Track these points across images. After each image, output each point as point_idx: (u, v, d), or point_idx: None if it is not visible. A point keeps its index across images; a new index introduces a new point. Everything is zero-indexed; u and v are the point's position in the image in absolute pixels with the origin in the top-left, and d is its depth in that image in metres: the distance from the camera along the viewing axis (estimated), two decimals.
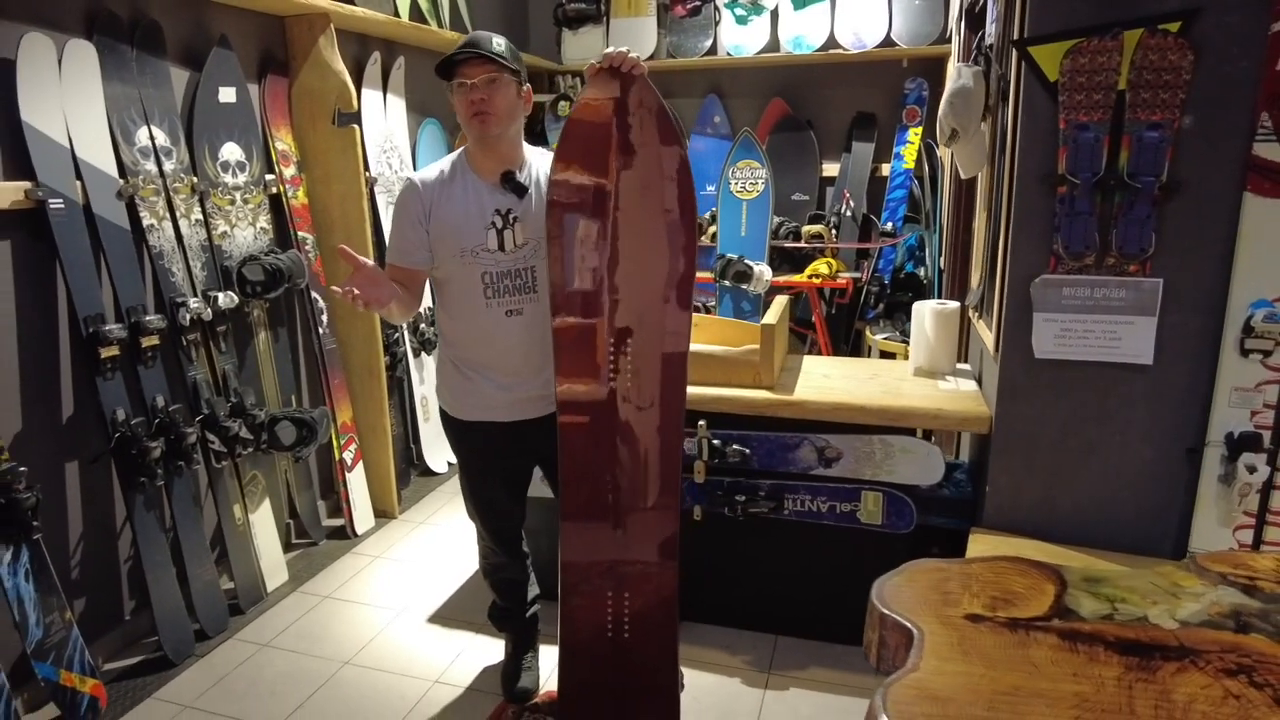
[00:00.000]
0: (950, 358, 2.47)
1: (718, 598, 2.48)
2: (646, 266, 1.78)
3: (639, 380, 1.82)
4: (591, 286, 1.78)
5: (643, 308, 1.80)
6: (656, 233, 1.77)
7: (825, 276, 3.88)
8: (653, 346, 1.81)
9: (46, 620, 2.07)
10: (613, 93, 1.72)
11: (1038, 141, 1.89)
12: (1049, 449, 2.03)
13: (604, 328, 1.80)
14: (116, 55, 2.33)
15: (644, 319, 1.80)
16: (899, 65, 4.27)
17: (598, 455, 1.85)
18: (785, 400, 2.24)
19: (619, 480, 1.86)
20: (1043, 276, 1.94)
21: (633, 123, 1.74)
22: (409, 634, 2.53)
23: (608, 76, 1.71)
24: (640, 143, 1.75)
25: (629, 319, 1.80)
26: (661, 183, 1.76)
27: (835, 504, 2.27)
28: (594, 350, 1.80)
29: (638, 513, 1.89)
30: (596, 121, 1.74)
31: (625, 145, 1.74)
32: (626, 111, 1.73)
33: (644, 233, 1.77)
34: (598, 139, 1.74)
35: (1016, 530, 2.07)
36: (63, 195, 2.15)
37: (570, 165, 1.75)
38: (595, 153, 1.74)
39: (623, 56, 1.69)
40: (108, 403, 2.24)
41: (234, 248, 2.69)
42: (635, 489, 1.87)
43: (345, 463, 3.14)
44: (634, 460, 1.85)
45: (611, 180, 1.75)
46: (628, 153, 1.75)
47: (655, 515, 1.89)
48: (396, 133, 3.56)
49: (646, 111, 1.74)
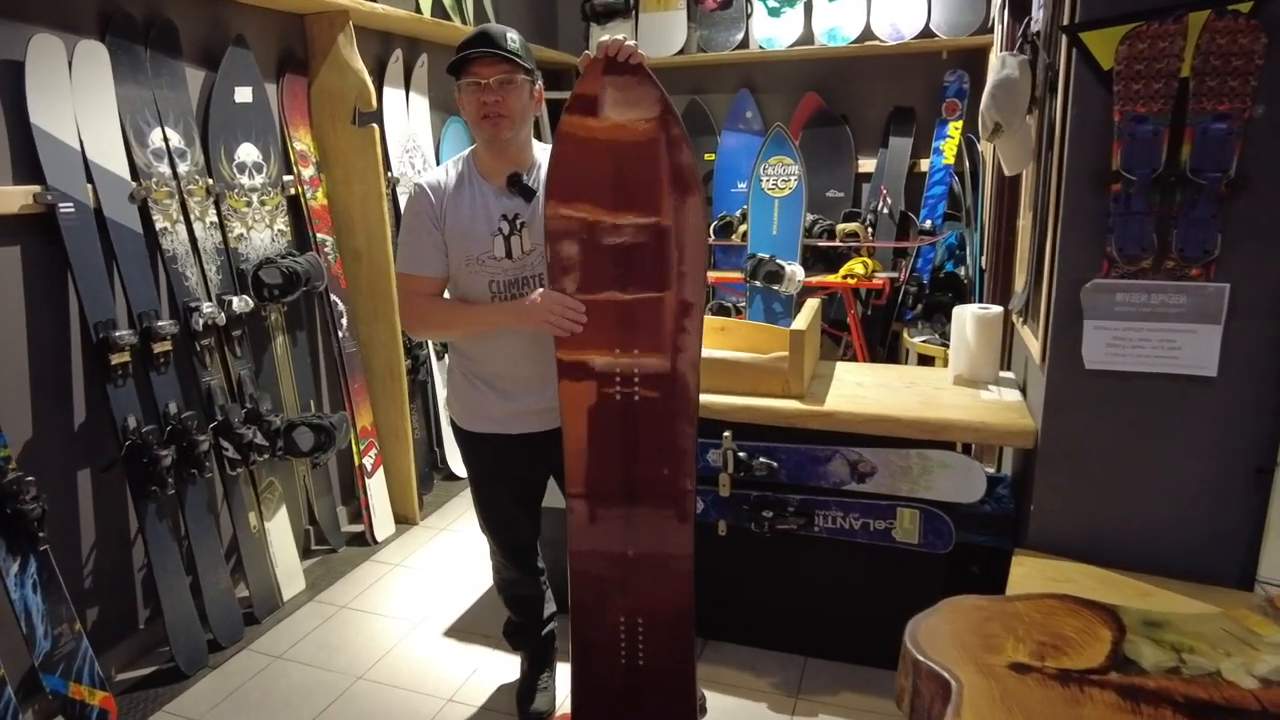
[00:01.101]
0: (993, 366, 2.33)
1: (743, 616, 2.37)
2: (650, 255, 1.67)
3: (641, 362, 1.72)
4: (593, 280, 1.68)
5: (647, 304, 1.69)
6: (660, 220, 1.66)
7: (861, 277, 3.73)
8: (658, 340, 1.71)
9: (55, 632, 2.04)
10: (608, 84, 1.61)
11: (1089, 135, 1.74)
12: (1099, 466, 1.89)
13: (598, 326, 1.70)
14: (130, 56, 2.28)
15: (647, 316, 1.69)
16: (938, 57, 4.11)
17: (601, 440, 1.76)
18: (816, 411, 2.12)
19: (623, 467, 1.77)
20: (1094, 281, 1.79)
21: (632, 116, 1.62)
22: (425, 647, 2.46)
23: (603, 68, 1.60)
24: (641, 137, 1.63)
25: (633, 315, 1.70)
26: (663, 172, 1.64)
27: (869, 521, 2.15)
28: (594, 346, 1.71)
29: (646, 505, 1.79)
30: (593, 117, 1.63)
31: (625, 140, 1.63)
32: (625, 104, 1.62)
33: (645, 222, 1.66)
34: (595, 135, 1.63)
35: (1063, 552, 1.93)
36: (73, 199, 2.11)
37: (567, 162, 1.64)
38: (592, 149, 1.63)
39: (619, 45, 1.58)
40: (119, 410, 2.20)
41: (250, 250, 2.64)
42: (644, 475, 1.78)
43: (365, 468, 3.08)
44: (641, 448, 1.76)
45: (610, 174, 1.64)
46: (627, 145, 1.63)
47: (664, 508, 1.79)
48: (419, 132, 3.50)
49: (648, 103, 1.62)
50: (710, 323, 2.47)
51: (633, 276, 1.68)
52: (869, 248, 3.91)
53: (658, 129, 1.62)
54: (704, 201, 1.68)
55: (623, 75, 1.60)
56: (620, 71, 1.59)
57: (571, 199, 1.65)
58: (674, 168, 1.64)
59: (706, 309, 4.17)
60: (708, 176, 4.40)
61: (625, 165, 1.64)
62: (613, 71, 1.59)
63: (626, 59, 1.58)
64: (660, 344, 1.71)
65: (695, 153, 1.67)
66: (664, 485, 1.78)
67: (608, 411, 1.75)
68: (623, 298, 1.69)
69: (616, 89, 1.61)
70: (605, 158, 1.64)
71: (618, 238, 1.66)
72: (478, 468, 1.95)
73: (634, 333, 1.71)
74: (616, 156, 1.64)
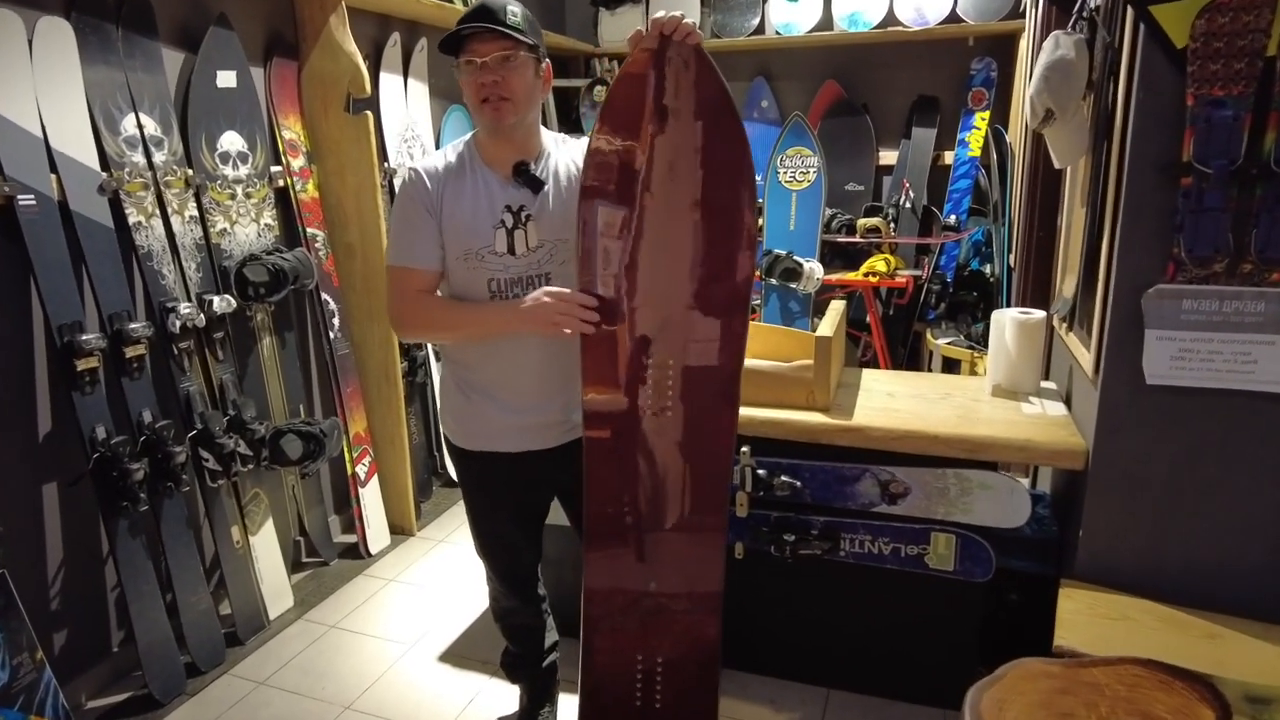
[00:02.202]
0: (1034, 376, 2.14)
1: (762, 644, 2.19)
2: (699, 265, 1.52)
3: (678, 392, 1.56)
4: (624, 286, 1.52)
5: (691, 311, 1.53)
6: (711, 229, 1.51)
7: (882, 275, 3.54)
8: (700, 355, 1.55)
9: (14, 662, 1.87)
10: (660, 66, 1.44)
11: (1157, 122, 1.56)
12: (1159, 490, 1.71)
13: (630, 333, 1.54)
14: (99, 35, 2.11)
15: (689, 322, 1.54)
16: (964, 43, 3.91)
17: (624, 472, 1.60)
18: (844, 426, 1.94)
19: (647, 501, 1.61)
20: (1158, 286, 1.61)
21: (685, 102, 1.46)
22: (418, 673, 2.29)
23: (656, 46, 1.44)
24: (694, 130, 1.47)
25: (669, 322, 1.54)
26: (715, 170, 1.48)
27: (900, 546, 1.97)
28: (624, 355, 1.55)
29: (670, 542, 1.64)
30: (642, 102, 1.45)
31: (674, 127, 1.47)
32: (677, 88, 1.45)
33: (695, 228, 1.51)
34: (642, 124, 1.46)
35: (1116, 584, 1.75)
36: (34, 190, 1.94)
37: (605, 153, 1.48)
38: (637, 139, 1.47)
39: (675, 22, 1.41)
40: (86, 420, 2.03)
41: (234, 246, 2.47)
42: (667, 513, 1.62)
43: (359, 477, 2.92)
44: (668, 481, 1.60)
45: (656, 168, 1.48)
46: (678, 138, 1.47)
47: (692, 546, 1.63)
48: (419, 120, 3.32)
49: (703, 89, 1.45)
50: None
51: (673, 281, 1.52)
52: (891, 244, 3.71)
53: (713, 121, 1.47)
54: (756, 201, 1.52)
55: (678, 57, 1.44)
56: (675, 53, 1.44)
57: (608, 194, 1.49)
58: (728, 165, 1.48)
59: None
60: None
61: (673, 159, 1.48)
62: (667, 52, 1.43)
63: (684, 39, 1.42)
64: (699, 358, 1.55)
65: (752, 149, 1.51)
66: (694, 516, 1.61)
67: (634, 431, 1.58)
68: (659, 305, 1.53)
69: (670, 73, 1.44)
70: (652, 150, 1.47)
71: (658, 239, 1.50)
72: (474, 489, 1.77)
73: (670, 344, 1.54)
74: (665, 150, 1.47)
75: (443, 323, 1.63)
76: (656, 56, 1.44)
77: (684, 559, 1.64)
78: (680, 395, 1.56)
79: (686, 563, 1.64)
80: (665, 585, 1.65)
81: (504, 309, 1.56)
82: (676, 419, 1.57)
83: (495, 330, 1.58)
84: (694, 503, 1.61)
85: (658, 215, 1.50)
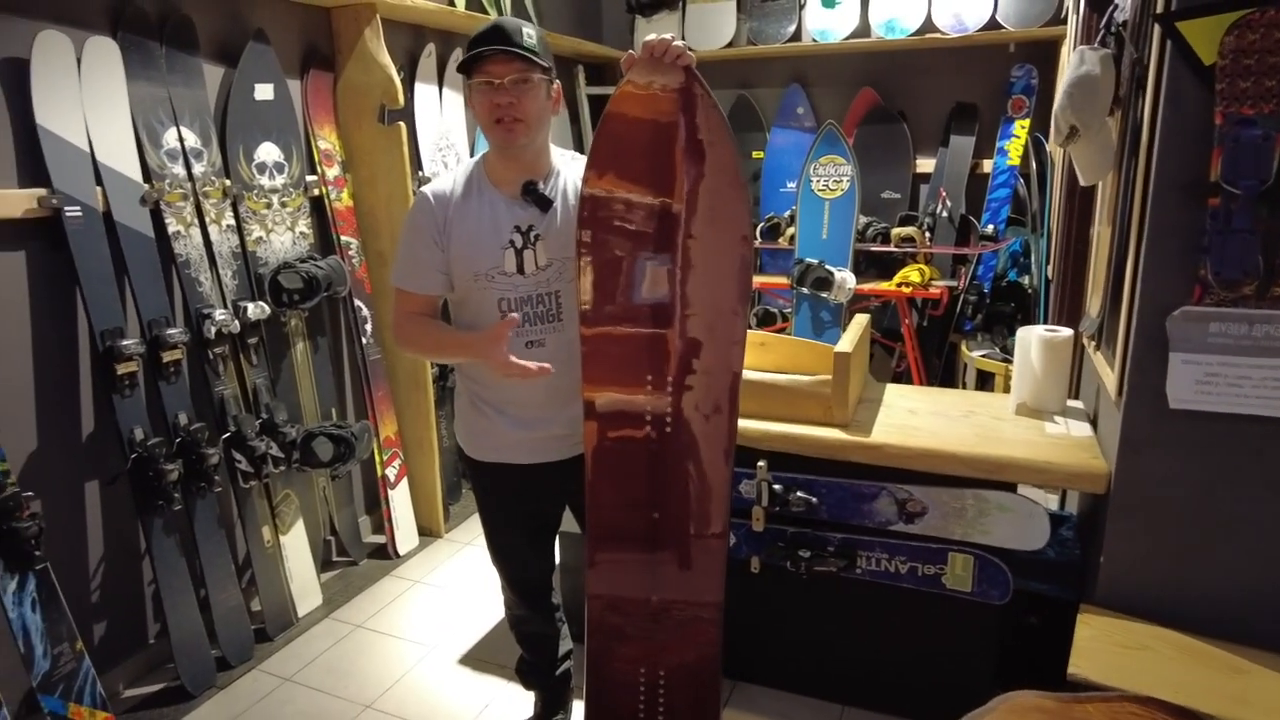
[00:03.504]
0: (1060, 395, 2.10)
1: (775, 658, 2.19)
2: (708, 275, 1.53)
3: (677, 402, 1.58)
4: (626, 299, 1.54)
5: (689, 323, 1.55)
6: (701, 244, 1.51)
7: (917, 285, 3.49)
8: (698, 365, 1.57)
9: (55, 651, 1.96)
10: (653, 86, 1.45)
11: (1184, 141, 1.51)
12: (1183, 517, 1.66)
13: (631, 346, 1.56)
14: (143, 52, 2.19)
15: (687, 334, 1.55)
16: (1004, 50, 3.84)
17: (627, 475, 1.62)
18: (861, 443, 1.93)
19: (648, 511, 1.63)
20: (1183, 309, 1.56)
21: (677, 125, 1.46)
22: (438, 675, 2.33)
23: (647, 70, 1.45)
24: (685, 153, 1.47)
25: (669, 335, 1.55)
26: (707, 195, 1.49)
27: (916, 565, 1.95)
28: (624, 367, 1.57)
29: (672, 552, 1.65)
30: (637, 118, 1.47)
31: (667, 155, 1.48)
32: (670, 111, 1.46)
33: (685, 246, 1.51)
34: (634, 147, 1.48)
35: (1137, 611, 1.71)
36: (81, 203, 2.03)
37: (605, 171, 1.49)
38: (630, 163, 1.48)
39: (665, 45, 1.42)
40: (125, 421, 2.12)
41: (270, 254, 2.54)
42: (668, 522, 1.64)
43: (388, 479, 2.98)
44: (669, 491, 1.62)
45: (654, 188, 1.49)
46: (669, 161, 1.48)
47: (693, 556, 1.65)
48: (453, 130, 3.37)
49: (700, 109, 1.46)
50: (749, 337, 2.29)
51: (669, 301, 1.53)
52: (926, 253, 3.66)
53: (705, 144, 1.46)
54: (750, 228, 1.53)
55: (668, 79, 1.45)
56: (666, 75, 1.44)
57: (603, 218, 1.50)
58: (718, 191, 1.48)
59: (751, 314, 3.99)
60: (755, 175, 4.20)
61: (666, 183, 1.49)
62: (658, 75, 1.44)
63: (674, 60, 1.42)
64: (697, 375, 1.56)
65: (745, 170, 1.52)
66: (694, 528, 1.63)
67: (636, 444, 1.60)
68: (656, 324, 1.54)
69: (661, 95, 1.45)
70: (645, 174, 1.48)
71: (654, 260, 1.51)
72: (486, 500, 1.80)
73: (668, 362, 1.56)
74: (657, 173, 1.48)
75: (428, 346, 1.72)
76: (649, 77, 1.45)
77: (685, 569, 1.65)
78: (679, 405, 1.57)
79: (688, 573, 1.65)
80: (667, 595, 1.66)
81: (465, 341, 1.63)
82: (676, 429, 1.58)
83: (463, 358, 1.68)
84: (695, 512, 1.62)
85: (651, 240, 1.52)
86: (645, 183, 1.50)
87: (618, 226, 1.51)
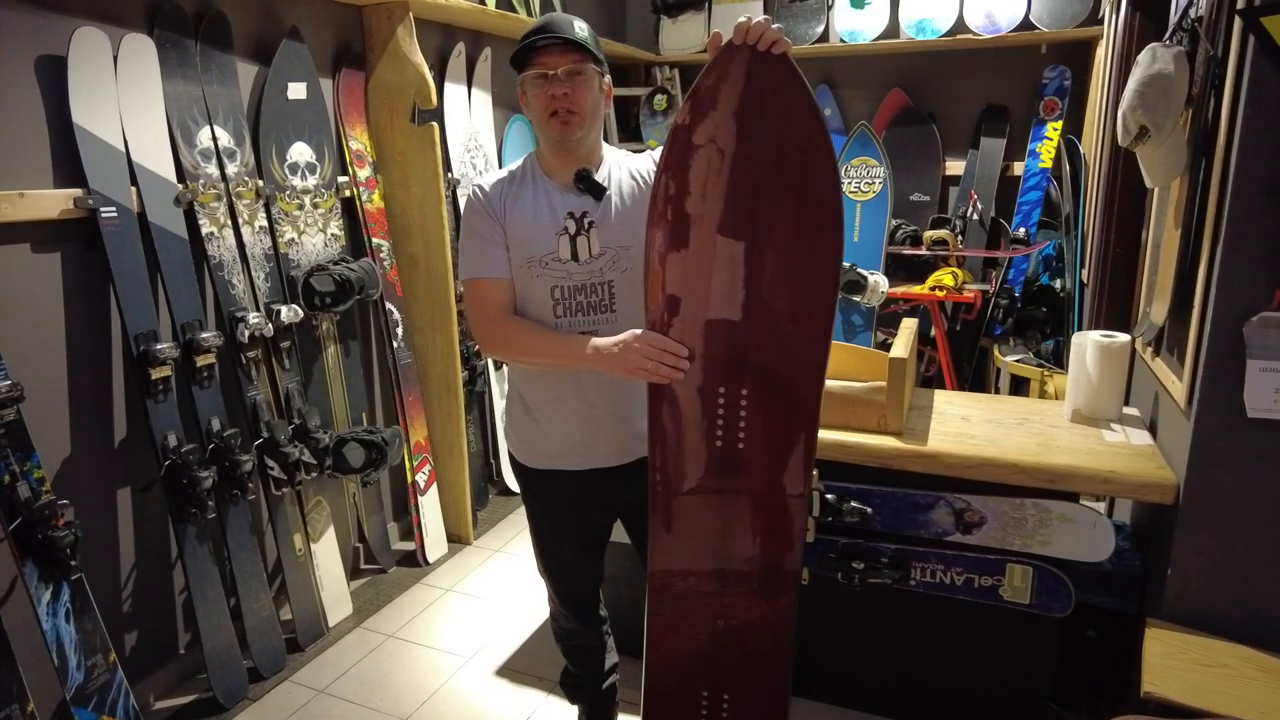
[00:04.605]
0: (1117, 402, 2.04)
1: (826, 671, 2.13)
2: (774, 285, 1.43)
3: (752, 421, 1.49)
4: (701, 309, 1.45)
5: (771, 341, 1.45)
6: (789, 246, 1.41)
7: (950, 289, 3.44)
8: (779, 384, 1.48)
9: (88, 663, 1.91)
10: (741, 76, 1.32)
11: (1267, 140, 1.46)
12: (1260, 530, 1.61)
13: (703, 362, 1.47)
14: (179, 50, 2.15)
15: (768, 352, 1.46)
16: (1037, 51, 3.79)
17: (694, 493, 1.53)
18: (917, 451, 1.88)
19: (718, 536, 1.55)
20: (1263, 314, 1.51)
21: (769, 121, 1.34)
22: (476, 688, 2.28)
23: (736, 54, 1.32)
24: (779, 148, 1.36)
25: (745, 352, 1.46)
26: (799, 193, 1.38)
27: (973, 577, 1.89)
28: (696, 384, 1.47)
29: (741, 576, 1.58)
30: (721, 116, 1.35)
31: (756, 147, 1.37)
32: (760, 103, 1.33)
33: (780, 256, 1.41)
34: (720, 140, 1.37)
35: (1208, 627, 1.66)
36: (116, 203, 1.98)
37: (680, 169, 1.39)
38: (714, 156, 1.38)
39: (761, 29, 1.29)
40: (158, 427, 2.07)
41: (302, 256, 2.50)
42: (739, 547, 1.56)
43: (418, 485, 2.93)
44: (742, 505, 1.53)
45: (734, 188, 1.38)
46: (760, 156, 1.37)
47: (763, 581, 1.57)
48: (482, 130, 3.33)
49: (790, 107, 1.34)
50: None
51: (751, 307, 1.42)
52: (958, 256, 3.61)
53: (801, 140, 1.35)
54: (842, 227, 1.41)
55: (762, 67, 1.31)
56: (760, 62, 1.31)
57: (683, 213, 1.39)
58: (814, 189, 1.37)
59: None
60: None
61: (755, 179, 1.37)
62: (751, 61, 1.31)
63: (769, 48, 1.30)
64: (778, 384, 1.47)
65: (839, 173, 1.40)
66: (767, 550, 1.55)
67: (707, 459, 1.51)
68: (736, 333, 1.43)
69: (754, 85, 1.32)
70: (731, 168, 1.37)
71: (735, 263, 1.40)
72: (538, 509, 1.75)
73: (746, 372, 1.46)
74: (745, 168, 1.37)
75: (527, 348, 1.59)
76: (740, 67, 1.33)
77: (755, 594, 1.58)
78: (755, 425, 1.49)
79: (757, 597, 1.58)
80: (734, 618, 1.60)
81: (587, 348, 1.49)
82: (750, 449, 1.52)
83: (576, 364, 1.53)
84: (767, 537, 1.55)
85: (738, 241, 1.41)
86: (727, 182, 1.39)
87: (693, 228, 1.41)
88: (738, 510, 1.54)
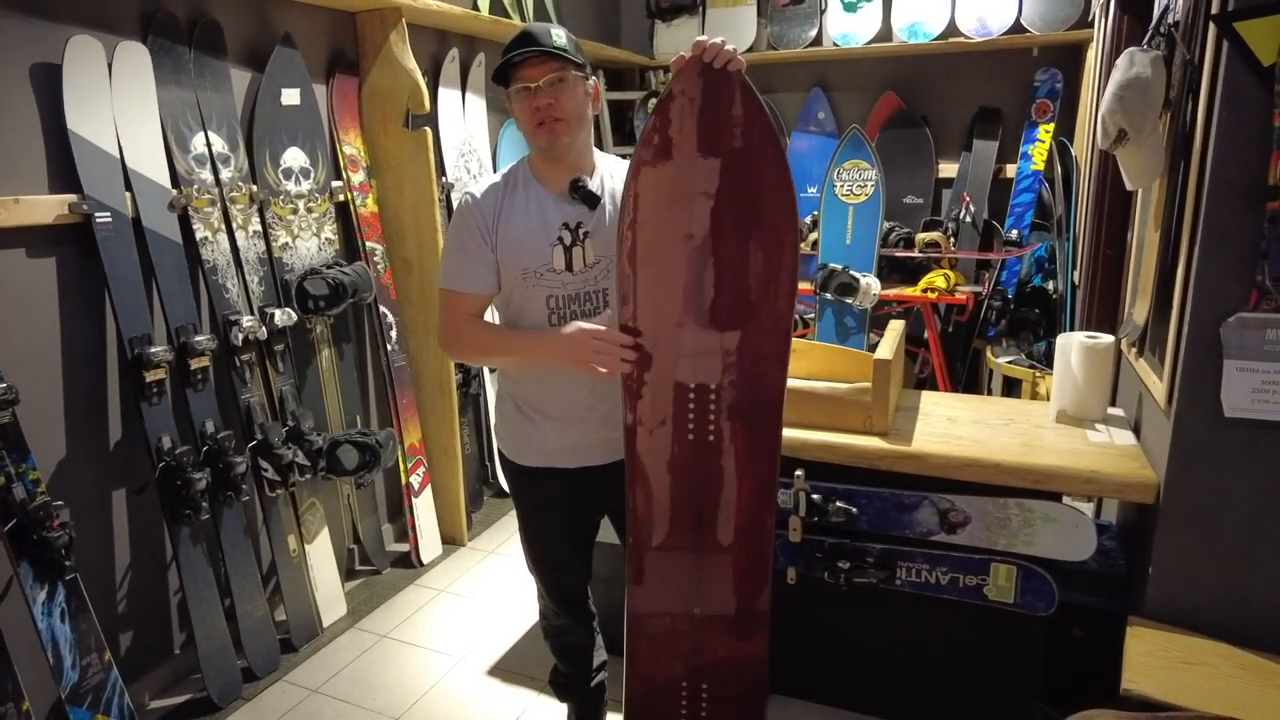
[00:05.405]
0: (1102, 403, 2.06)
1: (812, 670, 2.15)
2: (741, 283, 1.49)
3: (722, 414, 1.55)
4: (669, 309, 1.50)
5: (734, 336, 1.51)
6: (750, 246, 1.48)
7: (942, 291, 3.45)
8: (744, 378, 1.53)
9: (83, 662, 1.94)
10: (700, 90, 1.42)
11: (1242, 144, 1.49)
12: (1238, 529, 1.63)
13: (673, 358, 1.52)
14: (172, 57, 2.18)
15: (732, 348, 1.52)
16: (1028, 54, 3.81)
17: (670, 485, 1.59)
18: (903, 452, 1.90)
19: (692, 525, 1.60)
20: (1239, 315, 1.54)
21: (726, 130, 1.43)
22: (467, 687, 2.30)
23: (696, 71, 1.41)
24: (733, 156, 1.44)
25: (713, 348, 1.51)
26: (754, 197, 1.46)
27: (958, 576, 1.91)
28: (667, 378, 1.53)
29: (716, 566, 1.62)
30: (680, 126, 1.44)
31: (716, 154, 1.44)
32: (719, 115, 1.43)
33: (738, 249, 1.48)
34: (682, 147, 1.44)
35: (1190, 624, 1.67)
36: (110, 208, 2.01)
37: (647, 176, 1.46)
38: (677, 162, 1.45)
39: (716, 48, 1.39)
40: (152, 429, 2.09)
41: (296, 260, 2.52)
42: (712, 537, 1.60)
43: (413, 487, 2.95)
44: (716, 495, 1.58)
45: (696, 192, 1.46)
46: (719, 161, 1.45)
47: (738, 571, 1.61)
48: (475, 135, 3.36)
49: (744, 117, 1.43)
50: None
51: (716, 306, 1.49)
52: (950, 259, 3.63)
53: (753, 149, 1.44)
54: (798, 230, 1.50)
55: (718, 82, 1.41)
56: (716, 78, 1.41)
57: (649, 217, 1.46)
58: (767, 193, 1.45)
59: None
60: None
61: (713, 183, 1.45)
62: (708, 77, 1.41)
63: (724, 65, 1.39)
64: (743, 378, 1.52)
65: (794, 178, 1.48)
66: (740, 538, 1.59)
67: (679, 453, 1.56)
68: (703, 328, 1.50)
69: (710, 98, 1.42)
70: (691, 173, 1.45)
71: (700, 263, 1.48)
72: (528, 506, 1.77)
73: (713, 367, 1.52)
74: (704, 173, 1.45)
75: (486, 347, 1.68)
76: (698, 83, 1.42)
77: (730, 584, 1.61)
78: (725, 418, 1.54)
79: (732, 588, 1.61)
80: (711, 609, 1.63)
81: (542, 339, 1.57)
82: (720, 441, 1.55)
83: (533, 359, 1.61)
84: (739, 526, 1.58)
85: (699, 244, 1.48)
86: (690, 188, 1.46)
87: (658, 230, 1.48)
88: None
